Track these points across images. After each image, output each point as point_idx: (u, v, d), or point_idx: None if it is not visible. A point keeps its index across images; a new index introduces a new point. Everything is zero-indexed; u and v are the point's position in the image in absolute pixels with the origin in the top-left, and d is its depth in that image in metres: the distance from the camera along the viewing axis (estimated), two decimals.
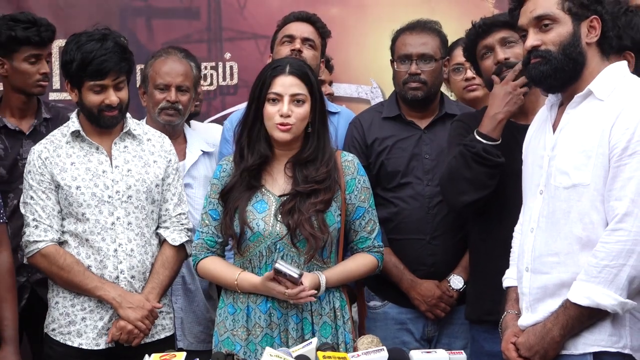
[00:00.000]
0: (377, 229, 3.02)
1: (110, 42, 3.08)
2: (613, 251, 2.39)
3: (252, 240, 2.88)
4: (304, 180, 2.89)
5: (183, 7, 4.58)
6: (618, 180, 2.41)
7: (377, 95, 4.50)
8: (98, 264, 3.08)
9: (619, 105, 2.46)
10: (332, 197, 2.89)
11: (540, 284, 2.55)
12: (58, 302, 3.13)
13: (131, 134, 3.21)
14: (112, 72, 3.07)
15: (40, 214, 3.09)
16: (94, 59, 3.04)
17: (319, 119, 2.94)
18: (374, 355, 2.63)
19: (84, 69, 3.05)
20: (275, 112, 2.87)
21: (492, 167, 2.97)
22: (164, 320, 3.19)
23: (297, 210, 2.84)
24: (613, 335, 2.45)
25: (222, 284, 2.97)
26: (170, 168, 3.23)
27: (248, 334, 2.88)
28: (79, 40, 3.09)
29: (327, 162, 2.92)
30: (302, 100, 2.89)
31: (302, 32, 3.58)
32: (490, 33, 3.12)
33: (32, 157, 3.15)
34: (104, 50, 3.06)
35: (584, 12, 2.54)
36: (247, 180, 2.91)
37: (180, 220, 3.22)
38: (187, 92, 3.58)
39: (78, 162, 3.13)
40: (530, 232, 2.60)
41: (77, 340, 3.08)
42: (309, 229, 2.83)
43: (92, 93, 3.09)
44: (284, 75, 2.89)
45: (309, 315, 2.87)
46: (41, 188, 3.10)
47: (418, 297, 3.33)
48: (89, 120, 3.15)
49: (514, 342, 2.59)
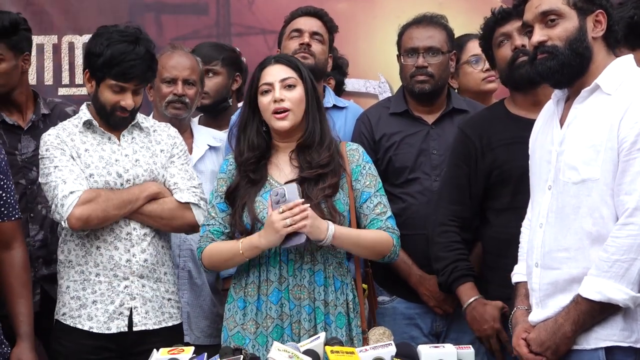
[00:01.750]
0: (389, 213, 2.98)
1: (142, 48, 3.06)
2: (624, 245, 2.38)
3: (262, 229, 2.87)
4: (308, 166, 2.89)
5: (192, 2, 4.59)
6: (627, 174, 2.41)
7: (385, 90, 4.49)
8: (108, 245, 3.09)
9: (627, 99, 2.45)
10: (338, 180, 2.89)
11: (551, 279, 2.54)
12: (69, 287, 3.13)
13: (139, 126, 3.22)
14: (137, 79, 3.08)
15: (69, 175, 3.06)
16: (123, 62, 3.02)
17: (314, 104, 2.94)
18: (382, 349, 2.62)
19: (110, 68, 3.04)
20: (270, 101, 2.89)
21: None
22: (172, 309, 3.20)
23: (305, 197, 2.83)
24: (625, 330, 2.44)
25: (228, 259, 2.92)
26: (175, 149, 3.24)
27: (257, 327, 2.87)
28: (111, 37, 3.06)
29: (328, 146, 2.92)
30: (293, 84, 2.91)
31: (310, 27, 3.58)
32: (509, 21, 3.13)
33: (49, 138, 3.13)
34: (134, 55, 3.04)
35: (590, 7, 2.53)
36: (247, 176, 2.91)
37: (194, 191, 3.18)
38: (193, 86, 3.59)
39: (92, 149, 3.14)
40: (539, 228, 2.59)
41: (87, 324, 3.09)
42: (319, 215, 2.82)
43: (110, 91, 3.09)
44: (271, 65, 2.94)
45: (322, 305, 2.87)
46: (65, 157, 3.09)
47: (426, 292, 3.33)
48: (99, 115, 3.16)
49: (525, 338, 2.59)
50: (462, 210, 3.18)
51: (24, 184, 3.55)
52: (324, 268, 2.89)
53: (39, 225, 3.56)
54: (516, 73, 3.11)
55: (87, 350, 3.09)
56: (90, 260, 3.10)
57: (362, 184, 2.95)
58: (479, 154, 3.13)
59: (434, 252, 3.20)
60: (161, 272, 3.17)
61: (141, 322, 3.10)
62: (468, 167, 3.15)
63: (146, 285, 3.13)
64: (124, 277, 3.10)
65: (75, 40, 4.47)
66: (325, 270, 2.88)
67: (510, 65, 3.12)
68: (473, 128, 3.19)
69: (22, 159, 3.55)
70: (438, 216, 3.20)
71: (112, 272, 3.09)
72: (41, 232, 3.57)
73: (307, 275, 2.87)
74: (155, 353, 2.66)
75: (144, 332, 3.10)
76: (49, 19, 4.50)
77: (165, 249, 3.22)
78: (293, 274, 2.86)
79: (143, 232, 3.13)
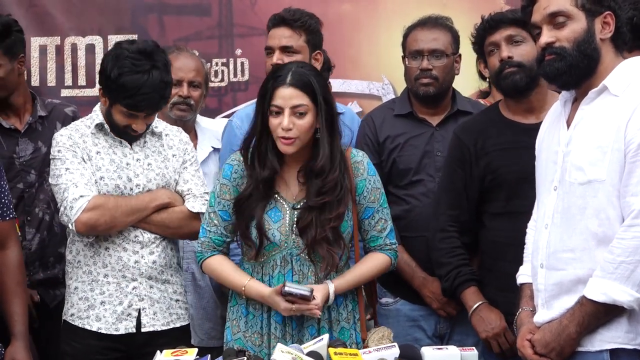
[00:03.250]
0: (389, 227, 2.99)
1: (157, 77, 2.99)
2: (629, 247, 2.38)
3: (267, 249, 2.87)
4: (316, 193, 2.84)
5: (194, 3, 4.57)
6: (634, 175, 2.40)
7: (388, 92, 4.48)
8: (117, 246, 3.08)
9: (635, 100, 2.45)
10: (345, 210, 2.86)
11: (556, 280, 2.54)
12: (77, 287, 3.13)
13: (151, 131, 3.21)
14: (148, 109, 3.05)
15: (79, 179, 3.04)
16: (135, 95, 2.98)
17: (327, 126, 2.85)
18: (385, 351, 2.62)
19: (122, 98, 3.01)
20: (278, 125, 2.82)
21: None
22: (180, 310, 3.20)
23: (313, 226, 2.82)
24: (630, 332, 2.44)
25: (229, 285, 2.94)
26: (187, 155, 3.23)
27: (261, 341, 2.87)
28: (123, 63, 2.98)
29: (333, 170, 2.85)
30: (303, 112, 2.82)
31: (279, 41, 3.50)
32: (497, 29, 3.13)
33: (61, 139, 3.11)
34: (147, 89, 2.97)
35: (598, 8, 2.53)
36: (262, 191, 2.87)
37: (206, 199, 3.15)
38: (198, 88, 3.61)
39: (103, 152, 3.13)
40: (544, 228, 2.59)
41: (95, 325, 3.08)
42: (326, 247, 2.81)
43: (122, 115, 3.07)
44: (284, 87, 2.81)
45: (327, 324, 2.87)
46: (77, 159, 3.07)
47: (430, 294, 3.33)
48: (112, 129, 3.14)
49: (530, 339, 2.59)
50: (460, 214, 3.18)
51: (22, 188, 3.56)
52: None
53: (36, 229, 3.58)
54: (503, 83, 3.12)
55: (95, 351, 3.09)
56: (99, 261, 3.10)
57: (367, 200, 2.93)
58: (474, 158, 3.13)
59: (436, 258, 3.21)
60: (169, 274, 3.17)
61: (149, 323, 3.10)
62: (463, 172, 3.15)
63: (154, 287, 3.13)
64: (132, 279, 3.10)
65: (78, 42, 4.46)
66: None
67: (498, 76, 3.13)
68: (467, 133, 3.19)
69: (21, 162, 3.56)
70: (438, 222, 3.20)
71: (121, 274, 3.09)
72: (37, 235, 3.58)
73: None
74: (159, 355, 2.66)
75: (152, 333, 3.10)
76: (52, 20, 4.48)
77: (173, 251, 3.22)
78: None
79: (152, 234, 3.12)
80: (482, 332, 3.07)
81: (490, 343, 3.07)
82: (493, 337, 3.05)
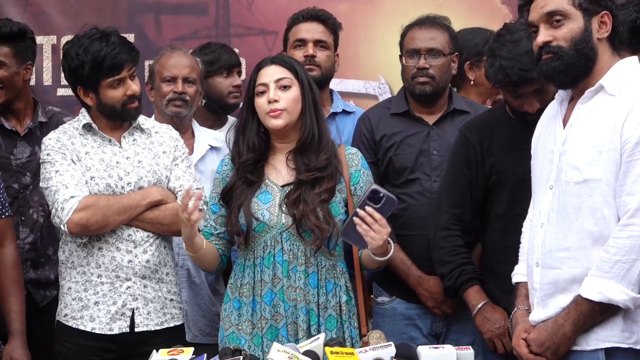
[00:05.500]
0: None
1: (114, 37, 3.09)
2: (625, 246, 2.39)
3: (257, 230, 2.88)
4: (306, 169, 2.89)
5: (191, 3, 4.57)
6: (630, 175, 2.41)
7: (385, 91, 4.48)
8: (110, 246, 3.08)
9: (631, 100, 2.45)
10: (334, 185, 2.90)
11: (551, 279, 2.54)
12: (71, 288, 3.12)
13: (139, 128, 3.22)
14: (127, 63, 3.08)
15: (70, 180, 3.05)
16: (107, 56, 3.04)
17: (311, 105, 2.94)
18: (382, 350, 2.62)
19: (99, 68, 3.05)
20: (265, 102, 2.89)
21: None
22: (174, 309, 3.20)
23: (302, 201, 2.85)
24: (625, 331, 2.45)
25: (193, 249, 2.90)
26: (177, 151, 3.24)
27: (253, 328, 2.88)
28: (82, 43, 3.08)
29: (325, 148, 2.92)
30: (288, 85, 2.90)
31: (313, 34, 3.61)
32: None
33: (49, 142, 3.12)
34: (112, 46, 3.06)
35: (595, 8, 2.53)
36: (244, 177, 2.91)
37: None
38: (193, 84, 3.61)
39: (92, 152, 3.13)
40: (540, 227, 2.59)
41: (89, 325, 3.08)
42: (314, 220, 2.83)
43: (112, 89, 3.09)
44: (267, 66, 2.94)
45: (315, 307, 2.87)
46: (66, 161, 3.08)
47: (425, 293, 3.33)
48: (112, 117, 3.15)
49: (525, 338, 2.59)
50: (464, 214, 3.17)
51: (17, 188, 3.59)
52: (317, 270, 2.89)
53: (30, 229, 3.60)
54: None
55: (89, 351, 3.08)
56: (92, 261, 3.10)
57: (362, 191, 2.94)
58: (479, 157, 3.13)
59: (438, 256, 3.19)
60: (163, 273, 3.17)
61: (143, 322, 3.10)
62: (469, 171, 3.15)
63: (148, 286, 3.12)
64: (126, 278, 3.09)
65: None
66: (319, 273, 2.89)
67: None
68: (474, 132, 3.18)
69: (17, 164, 3.60)
70: (440, 220, 3.19)
71: (114, 273, 3.09)
72: (31, 235, 3.60)
73: (302, 277, 2.86)
74: (154, 354, 2.66)
75: (146, 333, 3.10)
76: (48, 19, 4.48)
77: (167, 249, 3.21)
78: (287, 275, 2.86)
79: (145, 233, 3.12)
80: (487, 331, 3.07)
81: (495, 343, 3.07)
82: (497, 337, 3.06)
